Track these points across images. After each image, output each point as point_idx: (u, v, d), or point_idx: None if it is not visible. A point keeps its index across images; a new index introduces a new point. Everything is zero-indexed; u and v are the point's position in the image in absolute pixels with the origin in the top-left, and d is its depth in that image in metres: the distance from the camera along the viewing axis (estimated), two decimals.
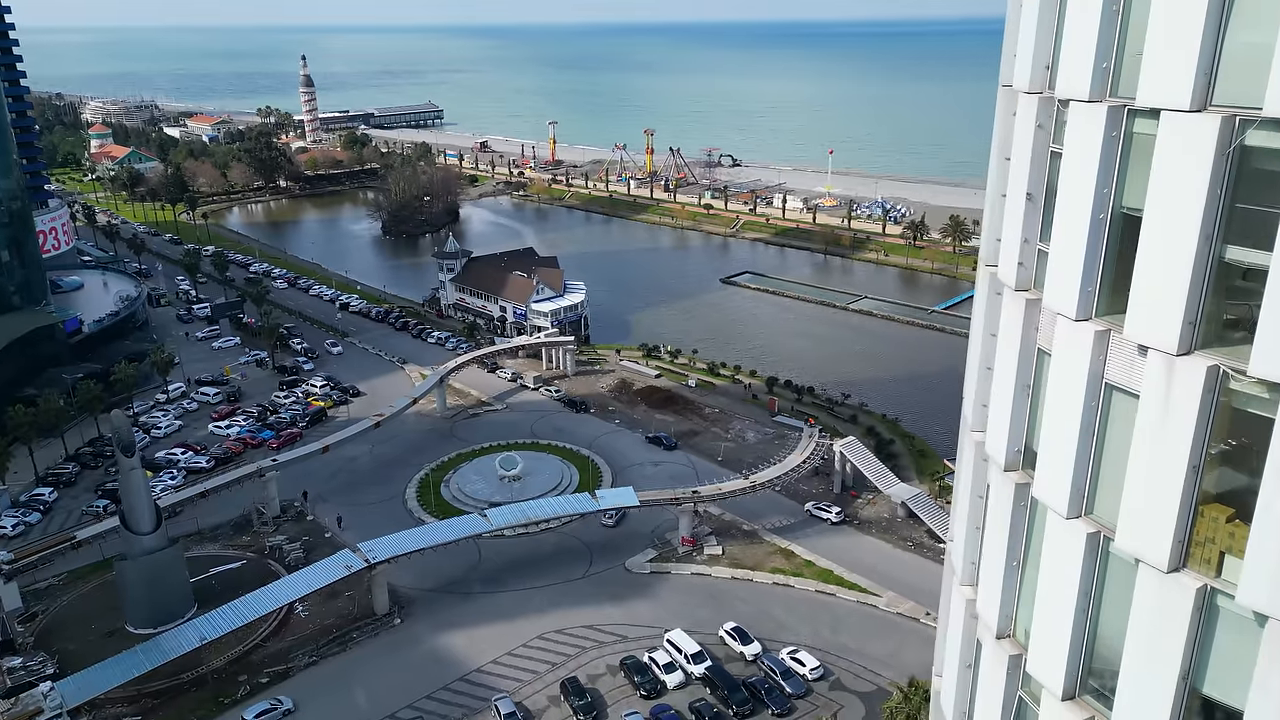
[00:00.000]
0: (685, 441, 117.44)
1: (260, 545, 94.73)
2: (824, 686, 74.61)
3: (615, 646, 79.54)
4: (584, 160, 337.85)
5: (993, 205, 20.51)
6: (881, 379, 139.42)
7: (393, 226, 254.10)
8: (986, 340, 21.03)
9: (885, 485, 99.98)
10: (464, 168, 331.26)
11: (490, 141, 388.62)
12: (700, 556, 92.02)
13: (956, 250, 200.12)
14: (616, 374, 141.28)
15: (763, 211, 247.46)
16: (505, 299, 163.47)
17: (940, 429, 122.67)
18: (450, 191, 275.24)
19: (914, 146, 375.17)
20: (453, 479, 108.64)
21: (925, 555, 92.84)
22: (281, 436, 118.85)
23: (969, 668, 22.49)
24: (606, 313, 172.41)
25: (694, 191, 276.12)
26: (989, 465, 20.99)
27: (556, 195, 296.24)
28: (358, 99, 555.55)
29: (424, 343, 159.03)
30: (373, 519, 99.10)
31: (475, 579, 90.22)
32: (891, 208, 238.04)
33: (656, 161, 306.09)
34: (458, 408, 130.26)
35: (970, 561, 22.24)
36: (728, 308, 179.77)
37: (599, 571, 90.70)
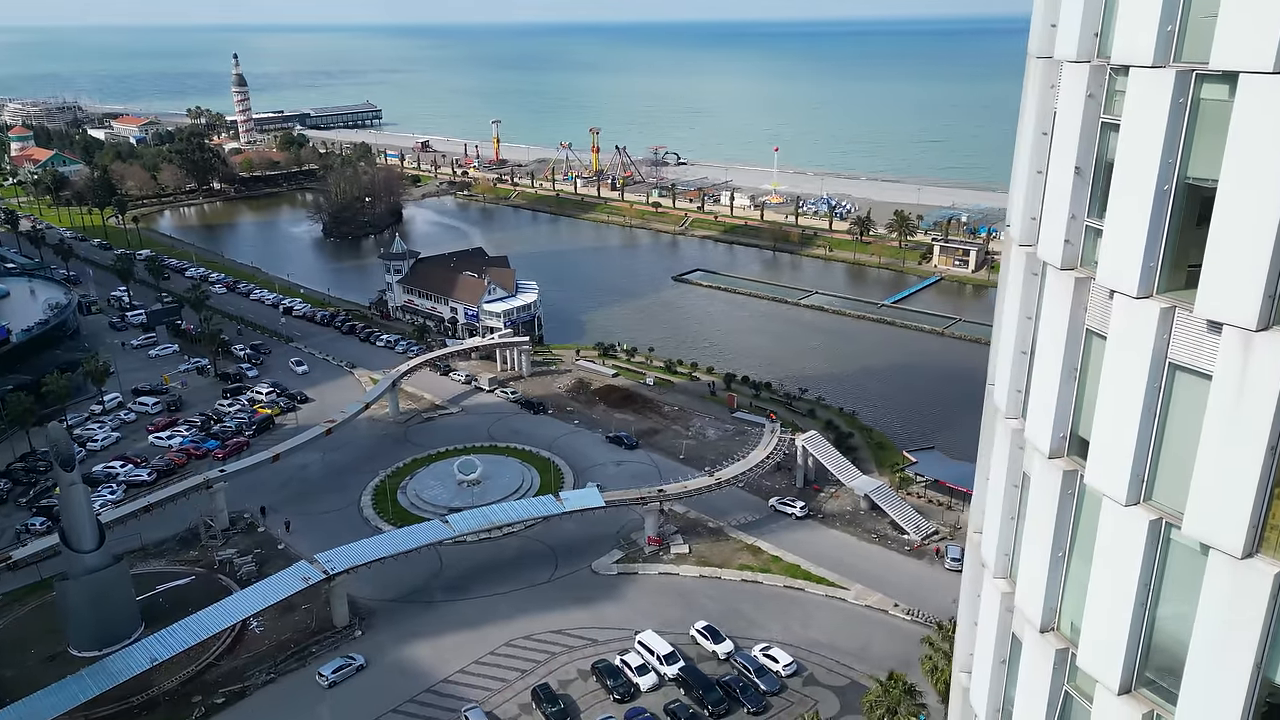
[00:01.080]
0: (646, 440, 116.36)
1: (210, 560, 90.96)
2: (798, 682, 74.21)
3: (585, 650, 78.06)
4: (529, 159, 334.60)
5: (1027, 183, 19.72)
6: (836, 373, 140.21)
7: (334, 228, 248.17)
8: (1022, 324, 20.26)
9: (847, 478, 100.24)
10: (406, 168, 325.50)
11: (432, 141, 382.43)
12: (667, 556, 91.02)
13: (902, 245, 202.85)
14: (573, 374, 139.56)
15: (711, 209, 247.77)
16: (456, 300, 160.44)
17: (896, 421, 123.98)
18: (393, 192, 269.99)
19: (856, 144, 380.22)
20: (410, 485, 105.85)
21: (890, 547, 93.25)
22: (228, 446, 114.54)
23: (1003, 663, 21.75)
24: (560, 312, 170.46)
25: (641, 190, 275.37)
26: (1028, 453, 20.23)
27: (502, 195, 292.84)
28: (293, 99, 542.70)
29: (373, 346, 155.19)
30: (328, 529, 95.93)
31: (437, 587, 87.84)
32: (837, 204, 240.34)
33: (602, 160, 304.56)
34: (411, 412, 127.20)
35: (1004, 554, 21.49)
36: (681, 305, 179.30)
37: (565, 574, 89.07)
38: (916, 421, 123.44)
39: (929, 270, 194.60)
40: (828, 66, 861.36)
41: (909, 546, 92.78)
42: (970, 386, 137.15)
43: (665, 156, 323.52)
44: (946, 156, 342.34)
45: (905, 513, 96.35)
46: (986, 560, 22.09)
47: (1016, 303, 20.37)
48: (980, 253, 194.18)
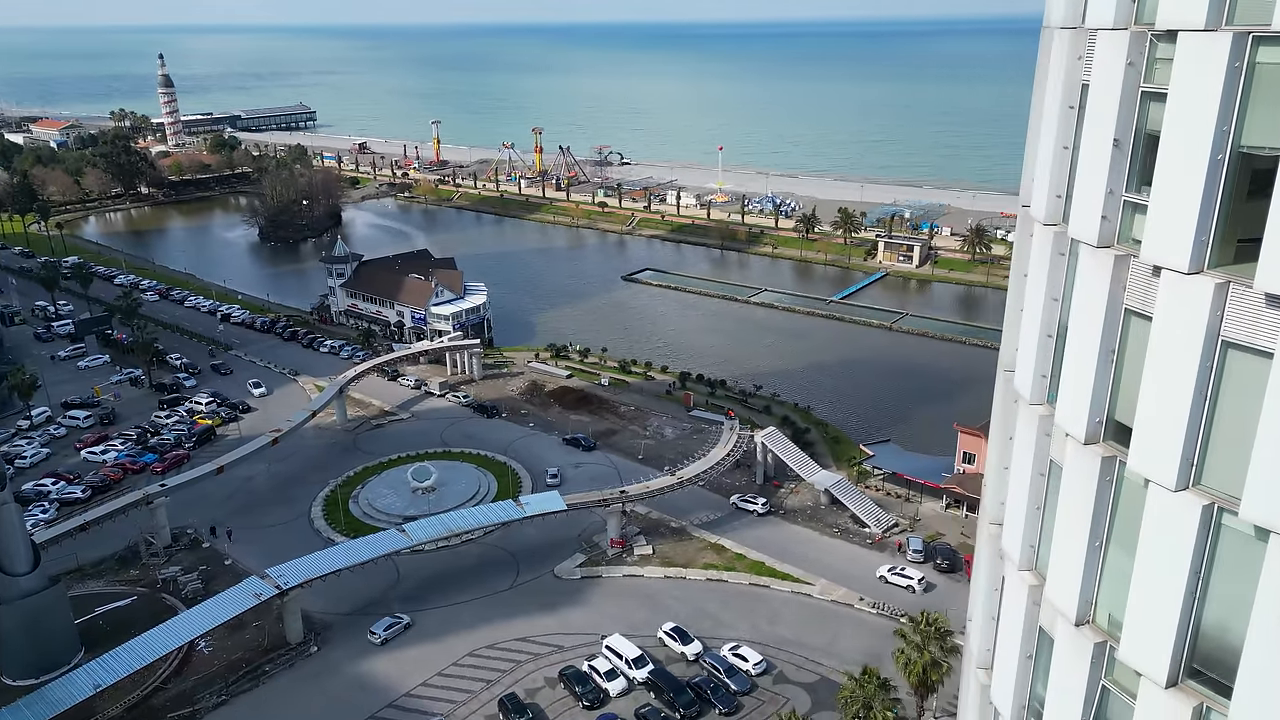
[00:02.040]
0: (604, 441, 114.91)
1: (152, 579, 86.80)
2: (768, 681, 73.61)
3: (552, 658, 76.35)
4: (471, 160, 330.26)
5: (1053, 159, 18.98)
6: (789, 369, 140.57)
7: (271, 232, 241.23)
8: (1048, 306, 19.53)
9: (807, 473, 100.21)
10: (344, 170, 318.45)
11: (370, 143, 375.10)
12: (631, 558, 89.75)
13: (847, 242, 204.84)
14: (526, 376, 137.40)
15: (658, 209, 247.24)
16: (402, 303, 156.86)
17: (851, 415, 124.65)
18: (331, 194, 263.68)
19: (798, 143, 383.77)
20: (362, 494, 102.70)
21: (851, 540, 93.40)
22: (167, 460, 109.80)
23: (1030, 659, 21.04)
24: (509, 314, 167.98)
25: (587, 190, 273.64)
26: (1056, 440, 19.52)
27: (444, 196, 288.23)
28: (222, 101, 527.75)
29: (316, 352, 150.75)
30: (277, 542, 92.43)
31: (395, 598, 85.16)
32: (782, 202, 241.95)
33: (546, 160, 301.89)
34: (360, 419, 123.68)
35: (1029, 545, 20.77)
36: (632, 305, 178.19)
37: (527, 581, 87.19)
38: (871, 415, 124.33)
39: (874, 266, 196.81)
40: (763, 67, 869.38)
41: (870, 539, 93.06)
42: (921, 380, 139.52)
43: (609, 156, 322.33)
44: (886, 155, 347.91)
45: (865, 506, 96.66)
46: (1009, 553, 21.34)
47: (1042, 285, 19.63)
48: (924, 248, 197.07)
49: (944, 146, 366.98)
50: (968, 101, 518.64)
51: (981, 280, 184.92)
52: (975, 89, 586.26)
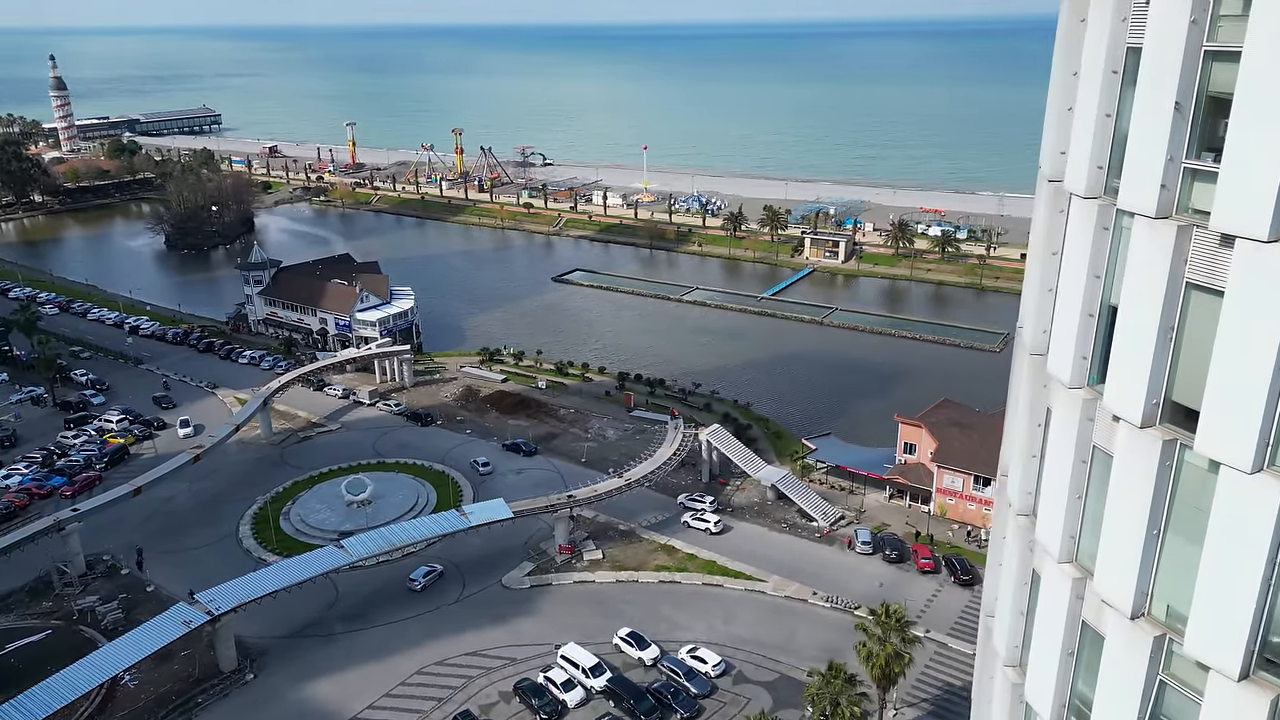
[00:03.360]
0: (544, 445, 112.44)
1: (67, 610, 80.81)
2: (728, 682, 72.62)
3: (505, 671, 73.79)
4: (389, 162, 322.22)
5: (1095, 129, 18.00)
6: (726, 366, 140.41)
7: (179, 239, 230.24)
8: (1090, 284, 18.58)
9: (753, 470, 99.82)
10: (254, 174, 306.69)
11: (280, 146, 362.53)
12: (581, 563, 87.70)
13: (774, 239, 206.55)
14: (459, 381, 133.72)
15: (584, 209, 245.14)
16: (325, 310, 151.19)
17: (789, 409, 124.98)
18: (242, 200, 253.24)
19: (722, 143, 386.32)
20: (293, 510, 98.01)
21: (800, 535, 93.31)
22: (76, 482, 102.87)
23: (1071, 655, 20.10)
24: (438, 319, 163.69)
25: (511, 191, 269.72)
26: (1102, 423, 18.57)
27: (362, 199, 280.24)
28: (119, 105, 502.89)
29: (235, 364, 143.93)
30: (204, 565, 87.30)
31: (335, 618, 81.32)
32: (708, 201, 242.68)
33: (467, 161, 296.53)
34: (286, 432, 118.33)
35: (1069, 537, 19.83)
36: (565, 306, 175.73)
37: (474, 592, 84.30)
38: (809, 409, 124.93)
39: (801, 262, 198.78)
40: (679, 69, 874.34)
41: (819, 533, 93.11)
42: (855, 373, 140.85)
43: (532, 157, 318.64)
44: (808, 154, 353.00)
45: (812, 500, 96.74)
46: (1047, 546, 20.36)
47: (1083, 262, 18.66)
48: (848, 244, 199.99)
49: (865, 145, 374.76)
50: (889, 101, 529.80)
51: (906, 274, 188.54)
52: (894, 89, 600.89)
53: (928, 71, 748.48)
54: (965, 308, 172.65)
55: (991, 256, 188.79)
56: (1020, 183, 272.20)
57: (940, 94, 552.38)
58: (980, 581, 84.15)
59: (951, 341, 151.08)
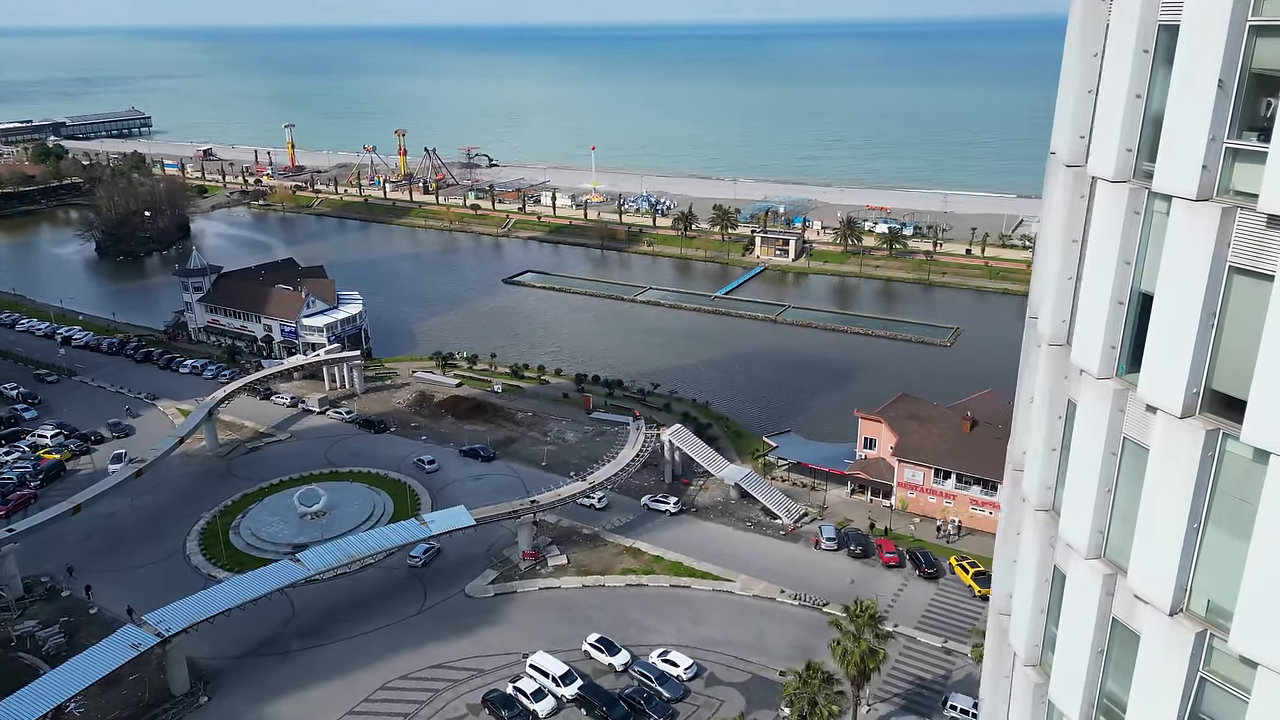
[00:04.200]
0: (503, 450, 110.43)
1: (5, 635, 76.60)
2: (700, 685, 71.88)
3: (473, 682, 71.99)
4: (330, 165, 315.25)
5: (1125, 111, 17.40)
6: (684, 366, 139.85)
7: (111, 246, 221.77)
8: (1120, 271, 18.00)
9: (716, 469, 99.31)
10: (189, 178, 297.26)
11: (215, 149, 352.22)
12: (545, 569, 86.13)
13: (725, 238, 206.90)
14: (412, 387, 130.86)
15: (533, 210, 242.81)
16: (270, 316, 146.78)
17: (748, 408, 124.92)
18: (177, 204, 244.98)
19: (671, 143, 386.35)
20: (244, 524, 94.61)
21: (765, 533, 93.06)
22: (10, 501, 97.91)
23: (1101, 653, 19.55)
24: (387, 324, 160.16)
25: (457, 193, 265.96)
26: (1135, 414, 18.00)
27: (303, 203, 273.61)
28: (46, 108, 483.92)
29: (175, 374, 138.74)
30: (150, 584, 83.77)
31: (292, 634, 78.56)
32: (658, 201, 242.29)
33: (411, 163, 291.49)
34: (233, 443, 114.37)
35: (1098, 531, 19.26)
36: (518, 309, 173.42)
37: (437, 603, 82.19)
38: (768, 407, 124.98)
39: (752, 261, 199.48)
40: (629, 70, 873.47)
41: (783, 531, 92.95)
42: (810, 369, 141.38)
43: (477, 158, 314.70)
44: (755, 154, 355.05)
45: (775, 498, 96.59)
46: (1073, 542, 19.77)
47: (1113, 248, 18.07)
48: (798, 242, 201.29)
49: (811, 145, 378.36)
50: (834, 102, 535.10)
51: (855, 271, 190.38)
52: (838, 90, 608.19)
53: (870, 72, 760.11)
54: (914, 303, 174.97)
55: (938, 253, 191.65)
56: (962, 180, 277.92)
57: (883, 94, 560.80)
58: (944, 574, 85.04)
59: (903, 337, 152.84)
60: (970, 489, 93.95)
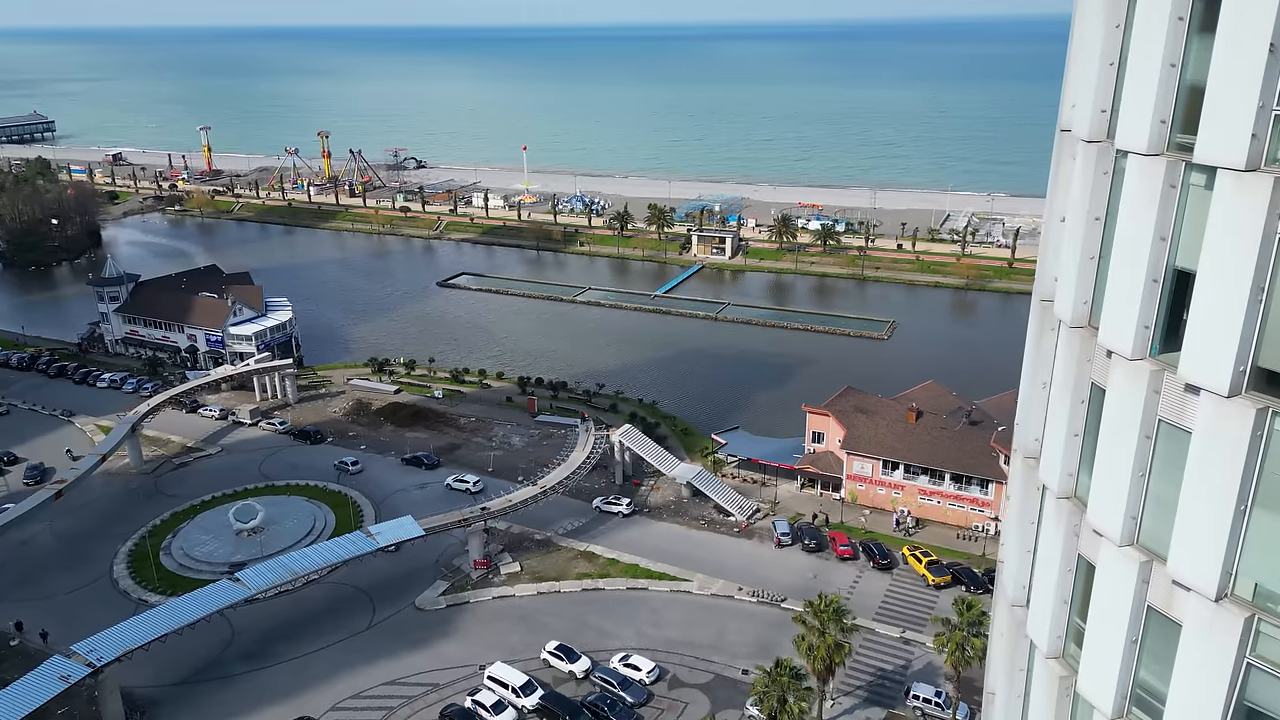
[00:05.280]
0: (447, 457, 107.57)
1: None
2: (663, 687, 70.83)
3: (429, 698, 69.62)
4: (249, 168, 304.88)
5: (1158, 83, 16.79)
6: (628, 365, 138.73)
7: (16, 256, 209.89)
8: (1155, 248, 17.42)
9: (668, 468, 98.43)
10: (98, 184, 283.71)
11: (125, 154, 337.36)
12: (498, 577, 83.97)
13: (661, 237, 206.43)
14: (348, 395, 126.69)
15: (465, 211, 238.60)
16: (194, 325, 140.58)
17: (694, 405, 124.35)
18: (87, 211, 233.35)
19: (601, 143, 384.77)
20: (175, 543, 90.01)
21: (719, 531, 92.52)
22: None
23: (1135, 643, 19.00)
24: (319, 331, 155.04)
25: (385, 195, 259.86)
26: (1173, 395, 17.45)
27: (223, 208, 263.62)
28: None
29: (93, 388, 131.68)
30: (74, 611, 78.95)
31: (233, 658, 74.90)
32: (592, 201, 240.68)
33: (336, 165, 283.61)
34: (159, 459, 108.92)
35: (1132, 518, 18.69)
36: (454, 312, 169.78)
37: (387, 617, 79.37)
38: (714, 404, 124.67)
39: (690, 260, 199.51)
40: (556, 71, 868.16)
41: (737, 528, 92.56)
42: (753, 365, 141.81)
43: (406, 161, 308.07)
44: (688, 153, 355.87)
45: (727, 495, 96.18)
46: (1105, 530, 19.17)
47: (1147, 225, 17.48)
48: (734, 240, 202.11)
49: (744, 144, 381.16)
50: (762, 101, 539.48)
51: (791, 268, 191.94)
52: (767, 90, 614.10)
53: (795, 72, 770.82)
54: (850, 298, 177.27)
55: (870, 248, 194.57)
56: (891, 177, 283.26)
57: (809, 94, 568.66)
58: (897, 565, 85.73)
59: (841, 331, 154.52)
60: (918, 479, 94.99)
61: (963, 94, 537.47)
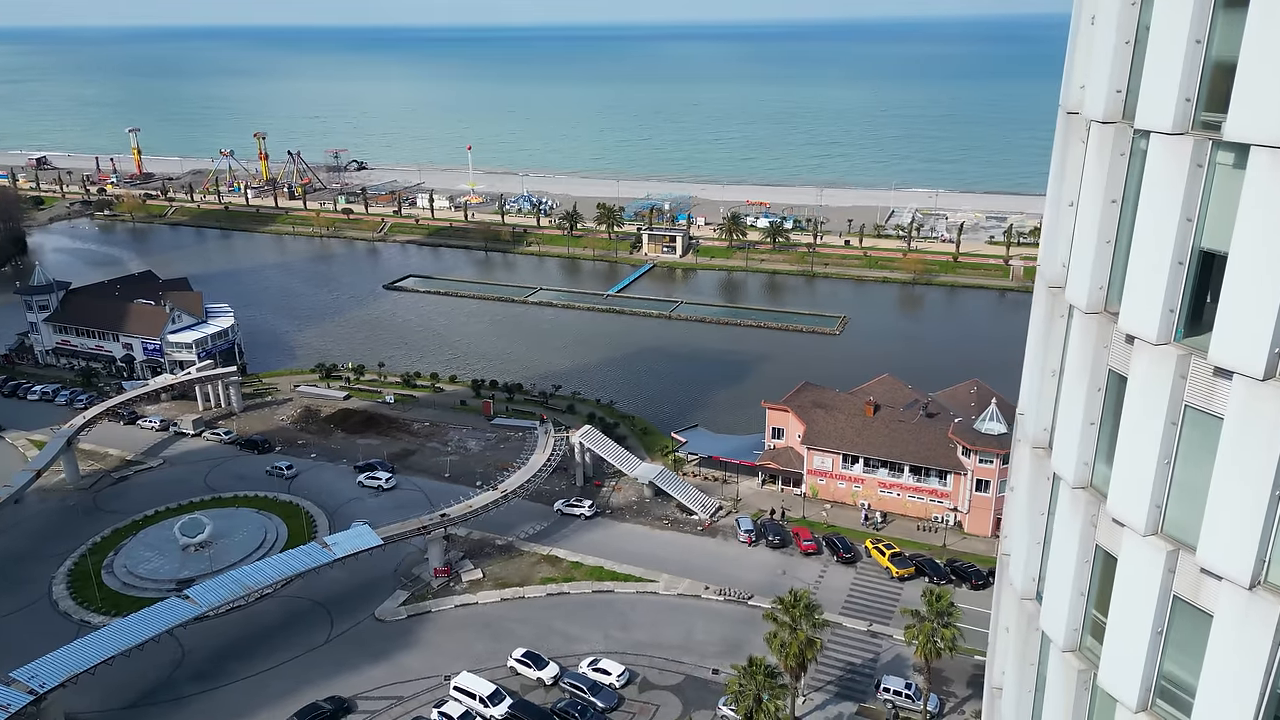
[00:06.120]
0: (402, 463, 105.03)
1: None
2: (634, 690, 69.90)
3: (393, 712, 67.68)
4: (183, 171, 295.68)
5: (1184, 60, 16.35)
6: (583, 366, 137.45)
7: None
8: (1182, 229, 17.01)
9: (629, 468, 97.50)
10: (22, 189, 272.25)
11: (49, 157, 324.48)
12: (460, 585, 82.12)
13: (611, 237, 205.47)
14: (296, 402, 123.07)
15: (410, 213, 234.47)
16: (130, 334, 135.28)
17: (652, 405, 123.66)
18: (10, 217, 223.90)
19: (546, 143, 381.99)
20: (118, 561, 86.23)
21: (682, 530, 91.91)
22: None
23: (1160, 634, 18.63)
24: (262, 337, 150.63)
25: (325, 197, 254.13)
26: (1201, 380, 17.07)
27: (155, 212, 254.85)
28: None
29: (23, 401, 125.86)
30: (13, 636, 74.90)
31: (184, 678, 71.95)
32: (540, 201, 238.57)
33: (274, 167, 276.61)
34: (96, 474, 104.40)
35: (1157, 506, 18.30)
36: (402, 314, 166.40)
37: (346, 629, 77.03)
38: (672, 403, 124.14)
39: (640, 259, 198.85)
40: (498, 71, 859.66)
41: (700, 526, 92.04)
42: (709, 363, 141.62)
43: (350, 164, 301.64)
44: (632, 153, 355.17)
45: (689, 494, 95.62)
46: (1129, 520, 18.77)
47: (1173, 206, 17.06)
48: (684, 238, 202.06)
49: (686, 143, 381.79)
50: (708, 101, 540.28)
51: (741, 265, 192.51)
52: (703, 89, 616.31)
53: (741, 71, 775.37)
54: (800, 294, 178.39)
55: (819, 245, 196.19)
56: (837, 175, 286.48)
57: (756, 93, 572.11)
58: (860, 558, 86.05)
59: (794, 327, 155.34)
60: (878, 472, 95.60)
61: (904, 93, 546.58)
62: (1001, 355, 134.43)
